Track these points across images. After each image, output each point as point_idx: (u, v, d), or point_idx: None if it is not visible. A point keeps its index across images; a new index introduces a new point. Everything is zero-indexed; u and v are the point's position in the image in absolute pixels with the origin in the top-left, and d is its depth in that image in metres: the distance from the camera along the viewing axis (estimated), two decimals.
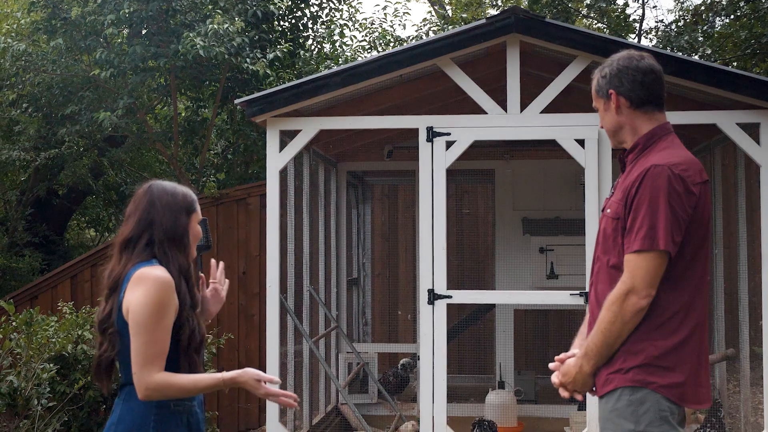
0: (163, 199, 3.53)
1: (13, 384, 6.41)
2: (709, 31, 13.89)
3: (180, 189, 3.61)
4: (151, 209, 3.51)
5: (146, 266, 3.42)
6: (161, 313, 3.35)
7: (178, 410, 3.47)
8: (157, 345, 3.34)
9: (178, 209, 3.54)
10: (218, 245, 10.16)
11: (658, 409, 3.40)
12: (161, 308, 3.35)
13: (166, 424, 3.44)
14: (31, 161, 12.02)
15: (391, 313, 11.45)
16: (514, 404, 8.66)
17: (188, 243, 3.56)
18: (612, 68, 3.64)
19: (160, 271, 3.41)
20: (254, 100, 7.17)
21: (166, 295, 3.37)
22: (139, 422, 3.42)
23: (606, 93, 3.64)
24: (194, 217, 3.61)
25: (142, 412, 3.42)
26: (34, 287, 10.44)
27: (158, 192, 3.55)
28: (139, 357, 3.34)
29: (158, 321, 3.34)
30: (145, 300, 3.34)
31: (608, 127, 3.69)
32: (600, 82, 3.67)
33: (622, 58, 3.65)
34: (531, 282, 9.40)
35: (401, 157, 9.89)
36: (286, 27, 12.74)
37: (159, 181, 3.62)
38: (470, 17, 15.71)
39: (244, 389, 3.45)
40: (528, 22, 6.86)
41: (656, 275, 3.38)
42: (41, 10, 11.05)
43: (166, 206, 3.52)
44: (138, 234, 3.49)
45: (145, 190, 3.57)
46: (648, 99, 3.62)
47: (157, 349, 3.34)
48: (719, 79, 6.78)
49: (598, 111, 3.73)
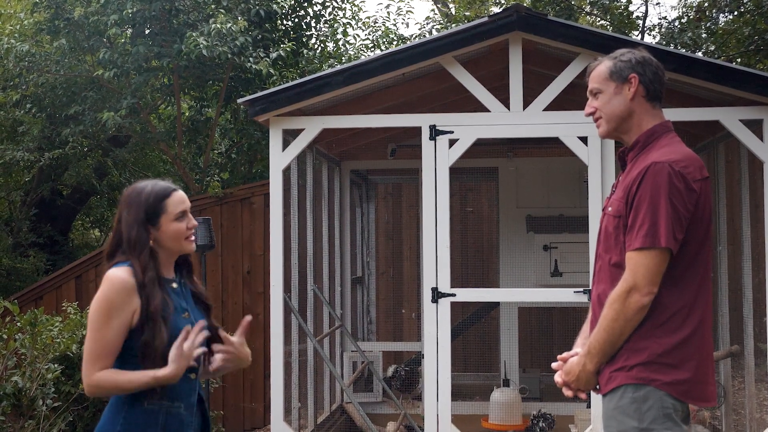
0: (129, 209, 3.54)
1: (18, 384, 6.42)
2: (713, 28, 13.87)
3: (144, 194, 3.55)
4: (119, 223, 3.55)
5: (115, 267, 3.45)
6: (107, 312, 3.35)
7: (152, 409, 3.43)
8: (101, 343, 3.34)
9: (137, 221, 3.51)
10: (222, 245, 10.18)
11: (662, 406, 3.39)
12: (107, 307, 3.36)
13: (135, 422, 3.42)
14: (35, 162, 12.04)
15: (396, 312, 11.45)
16: (518, 402, 8.66)
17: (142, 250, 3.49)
18: (635, 56, 3.61)
19: (120, 271, 3.42)
20: (257, 99, 7.17)
21: (116, 294, 3.37)
22: (110, 418, 3.44)
23: (625, 77, 3.59)
24: (164, 220, 3.55)
25: (114, 410, 3.45)
26: (38, 287, 10.46)
27: (126, 201, 3.57)
28: (85, 354, 3.37)
29: (103, 320, 3.35)
30: (97, 298, 3.38)
31: (617, 111, 3.61)
32: (618, 64, 3.60)
33: (635, 51, 3.64)
34: (535, 280, 9.39)
35: (404, 155, 9.89)
36: (289, 26, 12.73)
37: (132, 187, 3.62)
38: (473, 15, 15.69)
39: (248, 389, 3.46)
40: (530, 19, 6.86)
41: (658, 272, 3.38)
42: (44, 11, 11.06)
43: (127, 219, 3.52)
44: (114, 248, 3.54)
45: (121, 199, 3.61)
46: (659, 95, 3.62)
47: (100, 348, 3.34)
48: (722, 75, 6.77)
49: (600, 94, 3.64)
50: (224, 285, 10.29)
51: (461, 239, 11.13)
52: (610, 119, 3.65)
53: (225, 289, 10.29)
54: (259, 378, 10.08)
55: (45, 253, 12.86)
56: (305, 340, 8.09)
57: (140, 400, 3.41)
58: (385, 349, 10.38)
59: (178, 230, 3.57)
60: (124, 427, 3.41)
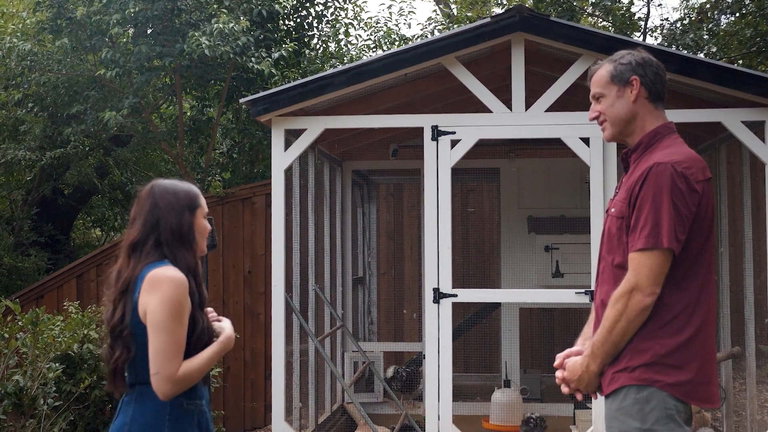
0: (165, 198, 3.55)
1: (19, 383, 6.42)
2: (715, 29, 13.86)
3: (181, 186, 3.61)
4: (155, 210, 3.53)
5: (159, 267, 3.44)
6: (179, 312, 3.38)
7: (190, 409, 3.50)
8: (178, 343, 3.39)
9: (181, 207, 3.55)
10: (224, 244, 10.18)
11: (665, 407, 3.39)
12: (179, 307, 3.38)
13: (181, 422, 3.47)
14: (37, 161, 12.03)
15: (397, 312, 11.45)
16: (519, 403, 8.67)
17: (194, 240, 3.58)
18: (635, 58, 3.61)
19: (174, 271, 3.43)
20: (259, 99, 7.17)
21: (182, 294, 3.40)
22: (154, 421, 3.44)
23: (627, 79, 3.59)
24: (199, 213, 3.61)
25: (157, 411, 3.44)
26: (39, 287, 10.46)
27: (160, 192, 3.57)
28: (163, 355, 3.36)
29: (177, 320, 3.37)
30: (162, 300, 3.37)
31: (620, 115, 3.62)
32: (619, 68, 3.61)
33: (635, 52, 3.64)
34: (536, 280, 9.40)
35: (406, 155, 9.90)
36: (291, 26, 12.74)
37: (160, 181, 3.63)
38: (475, 16, 15.70)
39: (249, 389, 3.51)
40: (533, 20, 6.86)
41: (660, 273, 3.38)
42: (46, 10, 11.06)
43: (169, 205, 3.54)
44: (145, 236, 3.51)
45: (148, 191, 3.59)
46: (661, 96, 3.63)
47: (177, 348, 3.38)
48: (724, 77, 6.77)
49: (602, 98, 3.65)
50: (225, 285, 10.29)
51: (463, 240, 11.13)
52: (615, 123, 3.66)
53: (226, 288, 10.29)
54: (260, 378, 10.09)
55: (46, 252, 12.86)
56: (306, 340, 8.09)
57: (181, 402, 3.47)
58: (386, 350, 10.39)
59: (205, 228, 3.65)
60: (170, 429, 3.45)
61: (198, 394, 3.57)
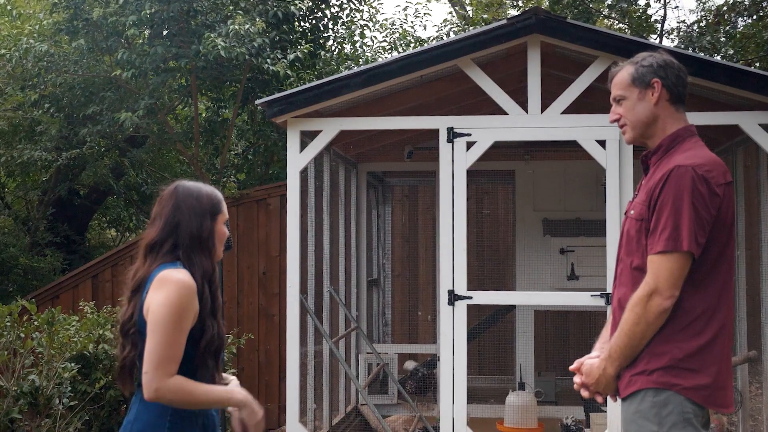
0: (188, 202, 3.51)
1: (35, 383, 6.45)
2: (732, 32, 13.82)
3: (205, 190, 3.58)
4: (177, 212, 3.50)
5: (170, 268, 3.41)
6: (180, 316, 3.32)
7: (193, 411, 3.46)
8: (172, 348, 3.31)
9: (203, 212, 3.52)
10: (239, 246, 10.20)
11: (682, 411, 3.37)
12: (180, 311, 3.33)
13: (182, 423, 3.43)
14: (53, 161, 12.09)
15: (411, 314, 11.44)
16: (534, 405, 8.63)
17: (213, 246, 3.55)
18: (656, 60, 3.59)
19: (182, 274, 3.39)
20: (275, 100, 7.18)
21: (186, 298, 3.35)
22: (155, 421, 3.40)
23: (648, 82, 3.57)
24: (220, 219, 3.58)
25: (159, 411, 3.40)
26: (55, 287, 10.50)
27: (183, 194, 3.53)
28: (153, 357, 3.30)
29: (176, 324, 3.31)
30: (164, 301, 3.32)
31: (641, 118, 3.60)
32: (640, 70, 3.59)
33: (656, 54, 3.62)
34: (551, 283, 9.38)
35: (421, 157, 9.89)
36: (307, 28, 12.75)
37: (184, 183, 3.60)
38: (491, 18, 15.68)
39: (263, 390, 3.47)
40: (549, 22, 6.84)
41: (680, 276, 3.36)
42: (63, 11, 11.10)
43: (191, 209, 3.50)
44: (163, 237, 3.48)
45: (171, 192, 3.55)
46: (682, 98, 3.61)
47: (171, 352, 3.31)
48: (741, 79, 6.74)
49: (623, 101, 3.63)
50: (240, 286, 10.31)
51: (477, 242, 11.11)
52: (636, 125, 3.64)
53: (241, 289, 10.30)
54: (275, 379, 10.10)
55: (62, 252, 12.92)
56: (321, 342, 8.09)
57: None
58: (401, 351, 10.38)
59: (224, 234, 3.61)
60: (171, 429, 3.41)
61: None
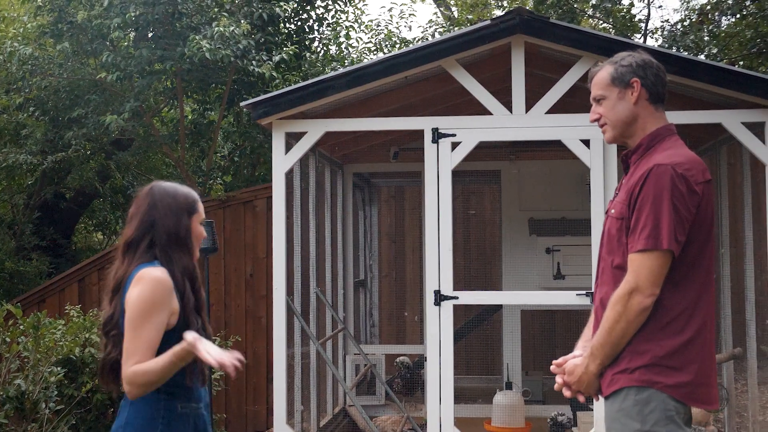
0: (164, 200, 3.54)
1: (21, 387, 6.43)
2: (715, 31, 13.88)
3: (181, 190, 3.61)
4: (153, 211, 3.52)
5: (148, 267, 3.43)
6: (151, 312, 3.34)
7: (185, 412, 3.47)
8: (140, 341, 3.32)
9: (179, 210, 3.55)
10: (225, 248, 10.18)
11: (665, 408, 3.39)
12: (152, 307, 3.35)
13: (175, 426, 3.44)
14: (38, 165, 12.05)
15: (398, 315, 11.46)
16: (521, 405, 8.65)
17: (191, 244, 3.57)
18: (635, 59, 3.61)
19: (159, 271, 3.41)
20: (260, 102, 7.18)
21: (159, 295, 3.37)
22: (148, 425, 3.42)
23: (627, 81, 3.60)
24: (196, 218, 3.61)
25: (151, 415, 3.42)
26: (41, 291, 10.47)
27: (159, 194, 3.56)
28: (125, 353, 3.34)
29: (146, 318, 3.33)
30: (138, 297, 3.35)
31: (621, 117, 3.62)
32: (620, 69, 3.61)
33: (635, 54, 3.64)
34: (538, 282, 9.40)
35: (407, 158, 9.90)
36: (292, 29, 12.75)
37: (160, 183, 3.64)
38: (476, 18, 15.71)
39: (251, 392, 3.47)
40: (533, 23, 6.87)
41: (660, 274, 3.38)
42: (47, 14, 11.07)
43: (167, 208, 3.53)
44: (140, 236, 3.51)
45: (147, 192, 3.59)
46: (662, 97, 3.64)
47: (137, 345, 3.32)
48: (724, 78, 6.78)
49: (603, 100, 3.65)
50: (227, 288, 10.30)
51: (464, 242, 11.13)
52: (616, 125, 3.66)
53: (228, 291, 10.29)
54: (262, 381, 10.09)
55: (48, 256, 12.87)
56: (308, 343, 8.09)
57: (175, 405, 3.45)
58: (388, 352, 10.38)
59: (201, 233, 3.63)
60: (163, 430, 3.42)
61: (195, 397, 3.54)
